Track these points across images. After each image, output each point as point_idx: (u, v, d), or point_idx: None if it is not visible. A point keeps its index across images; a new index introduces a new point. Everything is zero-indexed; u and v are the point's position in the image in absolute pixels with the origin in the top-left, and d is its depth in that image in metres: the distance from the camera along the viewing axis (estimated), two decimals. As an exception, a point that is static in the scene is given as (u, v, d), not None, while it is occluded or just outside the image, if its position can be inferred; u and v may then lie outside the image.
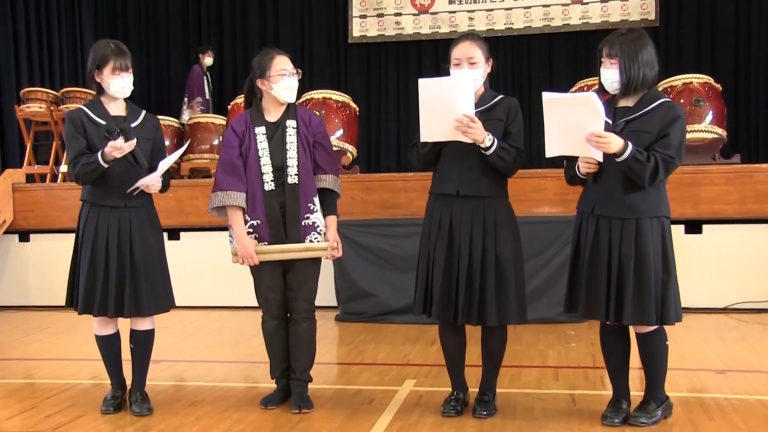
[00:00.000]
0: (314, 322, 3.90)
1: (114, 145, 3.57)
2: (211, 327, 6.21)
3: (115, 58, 3.68)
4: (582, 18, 9.50)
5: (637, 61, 3.31)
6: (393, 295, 6.12)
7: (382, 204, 6.31)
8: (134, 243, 3.73)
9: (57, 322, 6.54)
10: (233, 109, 7.58)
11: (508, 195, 3.64)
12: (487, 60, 3.61)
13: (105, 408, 3.83)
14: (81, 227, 3.76)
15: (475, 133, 3.40)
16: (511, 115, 3.58)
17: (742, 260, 6.21)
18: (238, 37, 10.46)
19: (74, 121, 3.71)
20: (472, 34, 3.71)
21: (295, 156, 3.74)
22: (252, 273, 3.89)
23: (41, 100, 8.19)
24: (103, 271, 3.69)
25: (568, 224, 5.72)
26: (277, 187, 3.72)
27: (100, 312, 3.72)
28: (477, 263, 3.51)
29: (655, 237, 3.33)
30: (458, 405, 3.69)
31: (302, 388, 3.88)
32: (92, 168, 3.62)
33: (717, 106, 6.77)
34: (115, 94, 3.73)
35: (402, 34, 9.99)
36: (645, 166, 3.22)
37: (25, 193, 7.44)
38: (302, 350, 3.87)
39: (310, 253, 3.76)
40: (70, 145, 3.71)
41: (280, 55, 3.81)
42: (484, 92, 3.64)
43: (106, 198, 3.72)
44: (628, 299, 3.30)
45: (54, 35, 9.87)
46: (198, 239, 6.97)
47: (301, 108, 3.92)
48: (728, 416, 3.60)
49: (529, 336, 5.38)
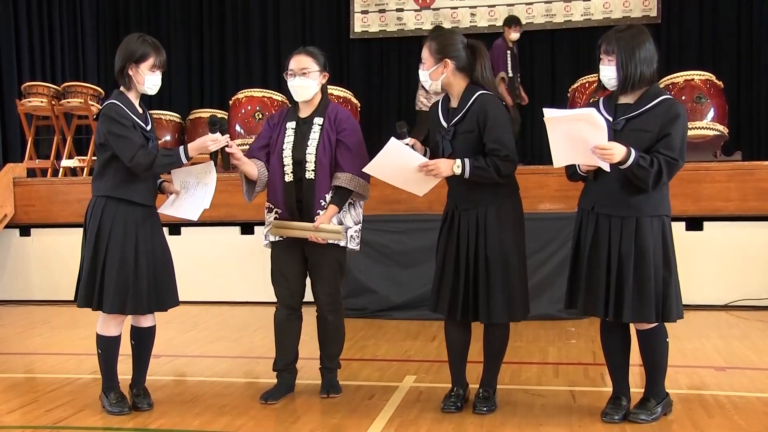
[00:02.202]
0: (340, 313, 4.01)
1: (215, 138, 3.61)
2: (211, 322, 6.22)
3: (156, 55, 3.65)
4: (584, 14, 9.49)
5: (634, 58, 3.29)
6: (394, 291, 6.12)
7: (382, 199, 6.30)
8: (156, 240, 3.74)
9: (58, 316, 6.55)
10: (234, 104, 7.57)
11: (513, 193, 3.62)
12: (440, 60, 3.57)
13: (119, 410, 3.71)
14: (106, 224, 3.63)
15: (440, 172, 3.48)
16: (485, 119, 3.47)
17: (743, 257, 6.21)
18: (239, 33, 10.45)
19: (123, 116, 3.59)
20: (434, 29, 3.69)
21: (314, 153, 3.79)
22: (271, 259, 3.95)
23: (42, 94, 8.19)
24: (134, 270, 3.64)
25: (570, 221, 5.71)
26: (295, 180, 3.79)
27: (132, 310, 3.66)
28: (482, 261, 3.52)
29: (655, 235, 3.32)
30: (458, 401, 3.70)
31: (331, 375, 4.03)
32: (171, 161, 3.64)
33: (718, 103, 6.77)
34: (147, 90, 3.69)
35: (404, 30, 9.98)
36: (649, 172, 3.21)
37: (26, 187, 7.45)
38: (329, 340, 4.02)
39: (303, 233, 3.78)
40: (129, 140, 3.55)
41: (295, 54, 3.86)
42: (463, 91, 3.57)
43: (138, 194, 3.66)
44: (627, 297, 3.30)
45: (55, 30, 9.87)
46: (199, 234, 6.97)
47: (333, 104, 3.94)
48: (728, 413, 3.60)
49: (529, 332, 5.38)
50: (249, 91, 7.61)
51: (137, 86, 3.67)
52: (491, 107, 3.50)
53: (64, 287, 7.10)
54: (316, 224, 3.77)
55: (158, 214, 3.82)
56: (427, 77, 3.60)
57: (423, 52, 3.61)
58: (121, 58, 3.65)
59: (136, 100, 3.74)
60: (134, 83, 3.67)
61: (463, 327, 3.72)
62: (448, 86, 3.61)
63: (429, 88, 3.65)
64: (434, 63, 3.56)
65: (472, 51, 3.60)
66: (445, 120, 3.61)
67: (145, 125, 3.70)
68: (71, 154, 8.38)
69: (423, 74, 3.61)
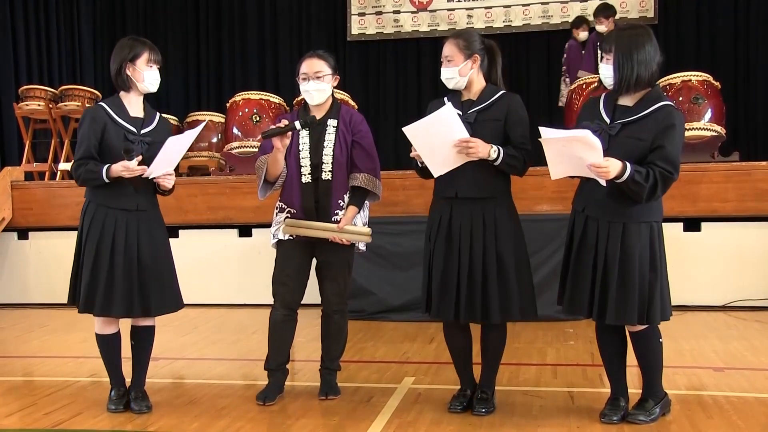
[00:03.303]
0: (345, 315, 4.01)
1: (127, 165, 3.55)
2: (209, 324, 6.21)
3: (150, 51, 3.70)
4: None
5: (631, 59, 3.27)
6: (392, 293, 6.12)
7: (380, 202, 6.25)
8: (141, 244, 3.71)
9: (56, 319, 6.54)
10: (231, 107, 7.57)
11: (510, 193, 3.64)
12: (471, 56, 3.59)
13: (114, 407, 3.79)
14: (86, 226, 3.70)
15: (477, 152, 3.43)
16: (512, 114, 3.56)
17: (740, 258, 6.22)
18: (236, 36, 10.45)
19: (95, 120, 3.63)
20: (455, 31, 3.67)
21: (331, 154, 3.83)
22: (276, 258, 3.93)
23: (40, 98, 8.19)
24: (107, 270, 3.65)
25: (564, 222, 5.74)
26: (313, 181, 3.81)
27: (102, 312, 3.67)
28: (478, 261, 3.52)
29: (642, 240, 3.32)
30: (465, 401, 3.70)
31: (331, 376, 4.03)
32: (93, 177, 3.60)
33: (716, 103, 6.77)
34: (147, 86, 3.71)
35: (401, 32, 9.99)
36: (643, 187, 3.20)
37: (23, 190, 7.44)
38: (333, 340, 4.02)
39: (324, 233, 3.79)
40: (82, 144, 3.63)
41: (307, 58, 3.91)
42: (484, 88, 3.63)
43: (116, 200, 3.67)
44: (611, 299, 3.31)
45: (53, 33, 9.87)
46: (197, 237, 6.97)
47: (345, 107, 3.99)
48: (726, 414, 3.60)
49: (528, 334, 5.38)
50: (246, 94, 7.60)
51: (137, 84, 3.69)
52: (520, 105, 3.61)
53: (62, 290, 7.00)
54: (341, 225, 3.78)
55: (157, 221, 3.81)
56: (455, 73, 3.57)
57: (448, 49, 3.59)
58: (117, 60, 3.69)
59: (138, 102, 3.75)
60: (133, 82, 3.69)
61: (465, 328, 3.72)
62: (470, 84, 3.61)
63: (455, 85, 3.60)
64: (464, 58, 3.57)
65: (489, 51, 3.65)
66: (459, 110, 3.58)
67: (139, 128, 3.68)
68: (68, 158, 8.35)
69: (450, 71, 3.58)
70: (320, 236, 3.81)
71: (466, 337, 3.74)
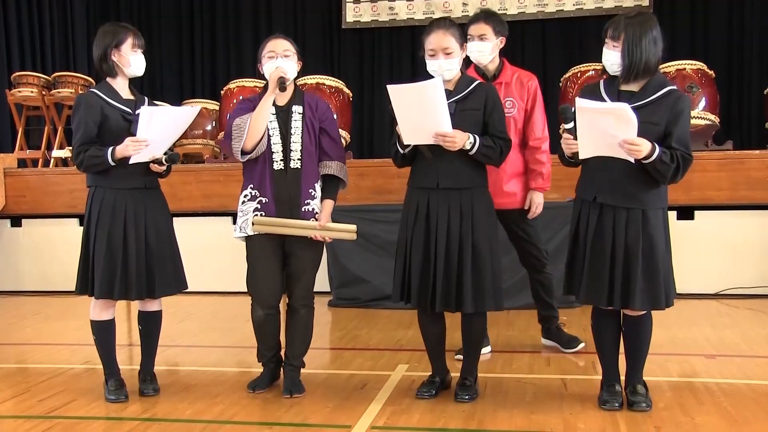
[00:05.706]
0: (312, 310, 3.91)
1: (132, 139, 3.53)
2: (203, 312, 6.22)
3: (134, 36, 3.69)
4: (576, 4, 9.47)
5: (640, 45, 3.27)
6: (386, 281, 6.05)
7: (375, 189, 6.31)
8: (148, 225, 3.72)
9: (49, 307, 6.54)
10: (226, 94, 7.55)
11: (487, 184, 3.66)
12: (462, 46, 3.61)
13: (114, 397, 3.75)
14: (94, 212, 3.66)
15: (455, 145, 3.44)
16: (489, 104, 3.57)
17: (733, 246, 6.24)
18: (231, 23, 10.40)
19: (91, 105, 3.63)
20: (446, 20, 3.67)
21: (299, 141, 3.74)
22: (247, 259, 3.88)
23: (33, 84, 8.16)
24: (122, 254, 3.64)
25: (560, 210, 5.77)
26: (285, 167, 3.73)
27: (120, 296, 3.67)
28: (454, 251, 3.52)
29: (660, 226, 3.35)
30: (432, 388, 3.73)
31: (294, 374, 3.89)
32: (98, 161, 3.59)
33: (710, 92, 6.78)
34: (134, 71, 3.71)
35: (396, 20, 9.96)
36: (669, 167, 3.22)
37: (16, 178, 7.42)
38: (298, 337, 3.89)
39: (304, 231, 3.73)
40: (81, 130, 3.61)
41: (272, 39, 3.83)
42: (460, 78, 3.63)
43: (123, 181, 3.66)
44: (637, 285, 3.29)
45: (45, 20, 9.80)
46: (191, 224, 6.96)
47: (308, 94, 3.92)
48: (717, 400, 3.63)
49: (521, 322, 5.40)
50: (240, 81, 7.59)
51: (123, 69, 3.70)
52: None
53: (56, 278, 7.12)
54: (322, 223, 3.75)
55: (161, 201, 3.82)
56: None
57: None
58: (101, 45, 3.68)
59: (125, 87, 3.75)
60: (120, 68, 3.69)
61: (440, 316, 3.74)
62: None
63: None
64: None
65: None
66: None
67: (134, 109, 3.67)
68: (62, 145, 8.35)
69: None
70: (299, 234, 3.73)
71: (441, 326, 3.76)
